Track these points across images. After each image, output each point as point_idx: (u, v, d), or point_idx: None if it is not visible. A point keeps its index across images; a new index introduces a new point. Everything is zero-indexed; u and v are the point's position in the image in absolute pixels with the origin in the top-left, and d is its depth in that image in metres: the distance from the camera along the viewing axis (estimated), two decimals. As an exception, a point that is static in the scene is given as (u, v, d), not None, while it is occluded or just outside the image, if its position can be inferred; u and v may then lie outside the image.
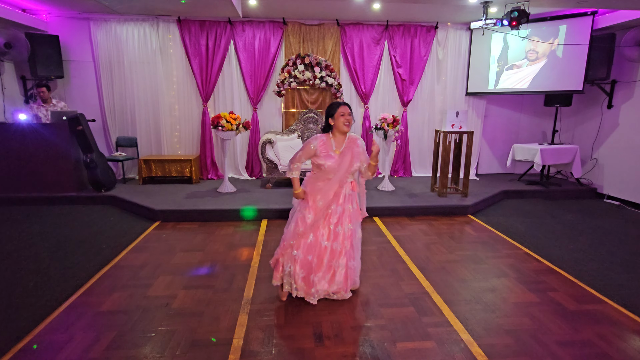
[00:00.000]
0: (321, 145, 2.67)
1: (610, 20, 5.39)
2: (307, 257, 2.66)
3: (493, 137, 7.05)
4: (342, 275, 2.71)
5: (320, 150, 2.65)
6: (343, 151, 2.67)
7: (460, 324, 2.54)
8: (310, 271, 2.66)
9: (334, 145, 2.68)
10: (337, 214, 2.69)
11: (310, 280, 2.67)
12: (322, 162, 2.64)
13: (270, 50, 6.21)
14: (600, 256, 3.71)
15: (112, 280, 3.11)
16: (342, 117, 2.62)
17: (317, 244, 2.67)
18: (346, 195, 2.72)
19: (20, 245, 3.80)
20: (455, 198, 5.31)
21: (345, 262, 2.71)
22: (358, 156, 2.68)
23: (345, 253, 2.71)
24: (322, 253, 2.68)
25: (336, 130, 2.68)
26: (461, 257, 3.65)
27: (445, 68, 6.62)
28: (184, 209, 4.70)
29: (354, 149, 2.67)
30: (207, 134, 6.36)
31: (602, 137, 5.99)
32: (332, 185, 2.66)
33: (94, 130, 5.75)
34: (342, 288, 2.74)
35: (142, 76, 6.15)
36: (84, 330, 2.43)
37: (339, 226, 2.69)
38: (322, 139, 2.69)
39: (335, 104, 2.67)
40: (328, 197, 2.66)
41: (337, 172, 2.65)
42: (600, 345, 2.35)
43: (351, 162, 2.66)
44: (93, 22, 5.92)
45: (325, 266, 2.69)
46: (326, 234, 2.69)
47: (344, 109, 2.63)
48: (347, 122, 2.63)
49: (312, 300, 2.70)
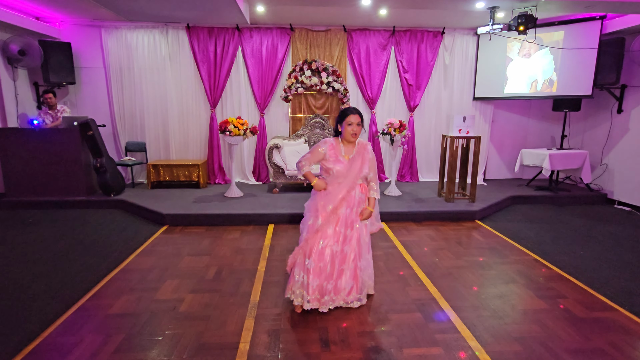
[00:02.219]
0: (330, 149, 2.65)
1: (619, 25, 5.35)
2: (318, 265, 2.61)
3: (501, 142, 7.01)
4: (351, 276, 2.68)
5: (330, 154, 2.64)
6: (354, 157, 2.65)
7: (467, 331, 2.52)
8: (323, 279, 2.63)
9: (343, 150, 2.66)
10: (347, 218, 2.66)
11: (324, 288, 2.63)
12: (331, 167, 2.62)
13: (278, 56, 6.26)
14: (610, 263, 3.65)
15: (120, 283, 3.15)
16: (349, 126, 2.59)
17: (328, 249, 2.63)
18: (356, 198, 2.69)
19: (32, 248, 3.86)
20: (462, 203, 5.28)
21: (355, 264, 2.68)
22: (368, 162, 2.66)
23: (356, 255, 2.69)
24: (333, 258, 2.64)
25: (344, 139, 2.66)
26: (468, 263, 3.63)
27: (452, 73, 6.61)
28: (192, 213, 4.73)
29: (365, 155, 2.66)
30: (214, 139, 6.42)
31: (612, 142, 5.92)
32: (340, 190, 2.63)
33: (104, 135, 5.85)
34: (352, 289, 2.68)
35: (152, 82, 6.25)
36: (92, 332, 2.45)
37: (349, 229, 2.67)
38: (332, 143, 2.68)
39: (346, 111, 2.63)
40: (336, 202, 2.63)
41: (347, 177, 2.63)
42: (611, 353, 2.31)
43: (361, 167, 2.64)
44: (104, 29, 6.04)
45: (337, 271, 2.65)
46: (337, 239, 2.65)
47: (353, 118, 2.59)
48: (353, 133, 2.59)
49: (324, 308, 2.64)
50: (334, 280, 2.65)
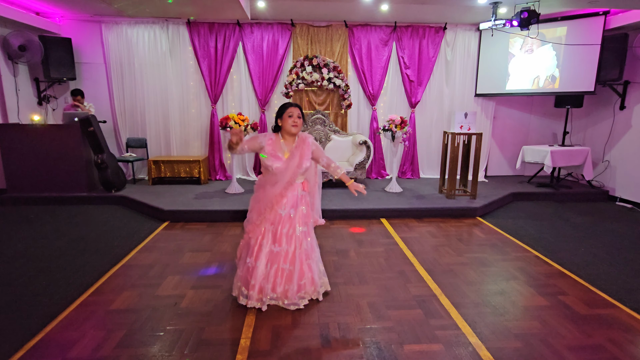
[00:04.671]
0: (269, 144, 2.57)
1: (622, 20, 5.31)
2: (257, 265, 2.58)
3: (502, 138, 6.99)
4: (296, 277, 2.65)
5: (268, 150, 2.56)
6: (292, 152, 2.58)
7: (468, 327, 2.52)
8: (265, 280, 2.61)
9: (284, 146, 2.60)
10: (287, 217, 2.61)
11: (263, 288, 2.62)
12: (270, 164, 2.55)
13: (279, 52, 6.24)
14: (611, 260, 3.65)
15: (122, 279, 3.15)
16: (289, 118, 2.55)
17: (266, 249, 2.59)
18: (298, 196, 2.64)
19: (33, 244, 3.87)
20: (463, 200, 5.27)
21: (300, 266, 2.66)
22: (307, 156, 2.58)
23: (299, 255, 2.65)
24: (274, 258, 2.61)
25: (285, 132, 2.60)
26: (469, 260, 3.63)
27: (453, 69, 6.58)
28: (193, 209, 4.74)
29: (303, 149, 2.57)
30: (215, 135, 6.41)
31: (615, 139, 5.90)
32: (278, 188, 2.57)
33: (105, 131, 5.84)
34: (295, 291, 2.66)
35: (152, 78, 6.23)
36: (94, 328, 2.46)
37: (290, 229, 2.62)
38: (272, 138, 2.61)
39: (285, 105, 2.60)
40: (274, 200, 2.58)
41: (286, 173, 2.55)
42: (612, 350, 2.31)
43: (300, 163, 2.55)
44: (104, 25, 6.02)
45: (279, 271, 2.62)
46: (276, 238, 2.60)
47: (293, 110, 2.56)
48: (294, 124, 2.54)
49: (264, 307, 2.63)
50: (274, 279, 2.63)
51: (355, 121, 6.64)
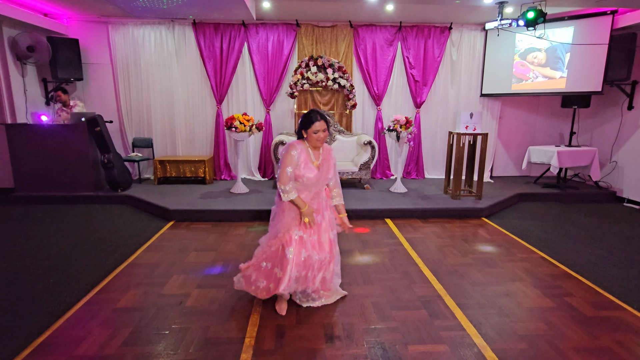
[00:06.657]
0: (301, 154, 2.52)
1: (630, 20, 5.25)
2: (295, 275, 2.55)
3: (508, 138, 6.94)
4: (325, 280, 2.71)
5: (300, 160, 2.51)
6: (321, 163, 2.59)
7: (473, 328, 2.51)
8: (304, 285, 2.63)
9: (312, 156, 2.57)
10: (319, 225, 2.63)
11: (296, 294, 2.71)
12: (302, 174, 2.51)
13: (284, 52, 6.25)
14: (619, 261, 3.61)
15: (128, 278, 3.18)
16: (315, 134, 2.48)
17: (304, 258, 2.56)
18: (323, 203, 2.67)
19: (40, 243, 3.91)
20: (469, 200, 5.24)
21: (332, 269, 2.71)
22: (333, 167, 2.63)
23: (331, 260, 2.68)
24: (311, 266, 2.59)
25: (309, 143, 2.57)
26: (474, 261, 3.61)
27: (459, 69, 6.55)
28: (198, 209, 4.76)
29: (329, 160, 2.60)
30: (220, 135, 6.44)
31: (622, 139, 5.84)
32: (310, 197, 2.58)
33: (111, 131, 5.89)
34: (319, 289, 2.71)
35: (158, 78, 6.27)
36: (100, 326, 2.49)
37: (323, 235, 2.64)
38: (301, 147, 2.54)
39: (310, 117, 2.49)
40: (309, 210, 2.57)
41: (316, 184, 2.56)
42: (619, 352, 2.29)
43: (327, 173, 2.59)
44: (111, 26, 6.07)
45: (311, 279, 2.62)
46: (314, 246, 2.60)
47: (319, 125, 2.47)
48: (319, 139, 2.50)
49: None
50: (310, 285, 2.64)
51: (360, 121, 6.63)
